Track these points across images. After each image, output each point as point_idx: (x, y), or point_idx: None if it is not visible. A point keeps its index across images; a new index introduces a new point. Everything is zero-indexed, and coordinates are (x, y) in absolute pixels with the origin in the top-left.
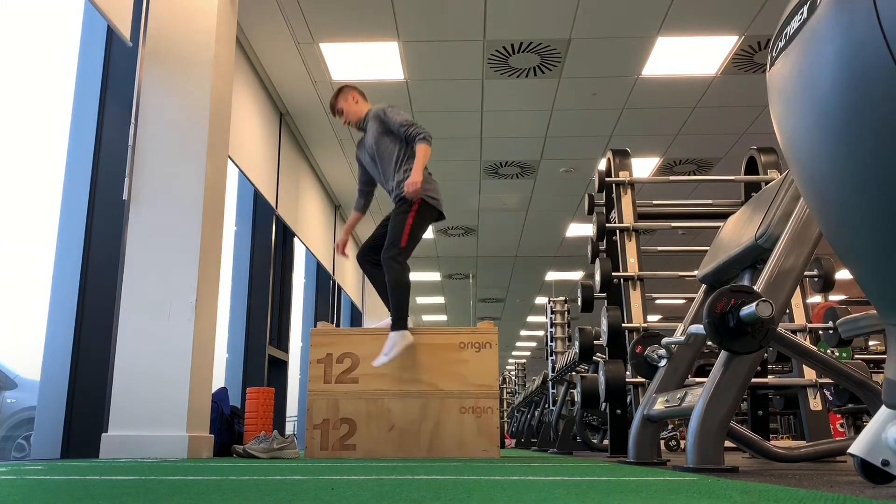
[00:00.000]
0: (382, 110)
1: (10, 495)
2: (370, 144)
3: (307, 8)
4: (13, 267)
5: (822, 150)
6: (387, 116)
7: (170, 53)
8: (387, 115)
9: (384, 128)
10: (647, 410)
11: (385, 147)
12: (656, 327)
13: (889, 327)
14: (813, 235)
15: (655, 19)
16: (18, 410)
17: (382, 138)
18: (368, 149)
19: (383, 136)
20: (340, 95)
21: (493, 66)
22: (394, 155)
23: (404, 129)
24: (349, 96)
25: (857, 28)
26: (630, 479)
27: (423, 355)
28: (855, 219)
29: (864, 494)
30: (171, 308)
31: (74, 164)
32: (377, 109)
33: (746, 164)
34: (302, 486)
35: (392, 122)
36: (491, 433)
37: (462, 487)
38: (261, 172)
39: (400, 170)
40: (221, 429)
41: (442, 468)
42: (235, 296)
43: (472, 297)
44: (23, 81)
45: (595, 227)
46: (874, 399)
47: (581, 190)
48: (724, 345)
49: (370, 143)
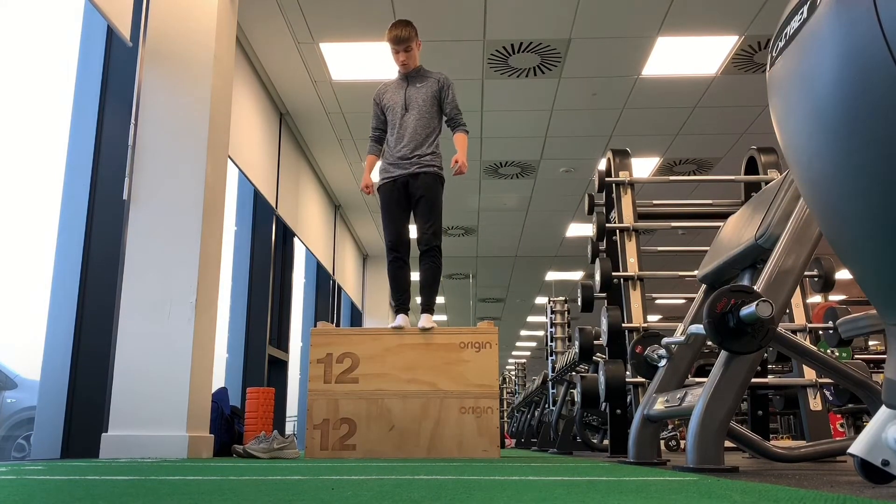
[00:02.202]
0: (451, 82)
1: (10, 495)
2: (419, 100)
3: (307, 8)
4: (13, 267)
5: (822, 150)
6: (451, 91)
7: (170, 53)
8: (452, 89)
9: (440, 95)
10: (647, 410)
11: (429, 113)
12: (656, 327)
13: (889, 327)
14: (813, 235)
15: (655, 19)
16: (18, 410)
17: (433, 104)
18: (412, 101)
19: (434, 102)
20: (415, 36)
21: (493, 66)
22: (431, 125)
23: (457, 112)
24: (418, 42)
25: (857, 28)
26: (630, 479)
27: (423, 355)
28: (855, 219)
29: (864, 494)
30: (171, 308)
31: (74, 164)
32: (447, 77)
33: (746, 164)
34: (302, 486)
35: (452, 99)
36: (491, 433)
37: (462, 487)
38: (261, 172)
39: (427, 142)
40: (221, 429)
41: (442, 468)
42: (235, 296)
43: (472, 297)
44: (23, 81)
45: (595, 227)
46: (874, 399)
47: (581, 190)
48: (724, 345)
49: (420, 99)
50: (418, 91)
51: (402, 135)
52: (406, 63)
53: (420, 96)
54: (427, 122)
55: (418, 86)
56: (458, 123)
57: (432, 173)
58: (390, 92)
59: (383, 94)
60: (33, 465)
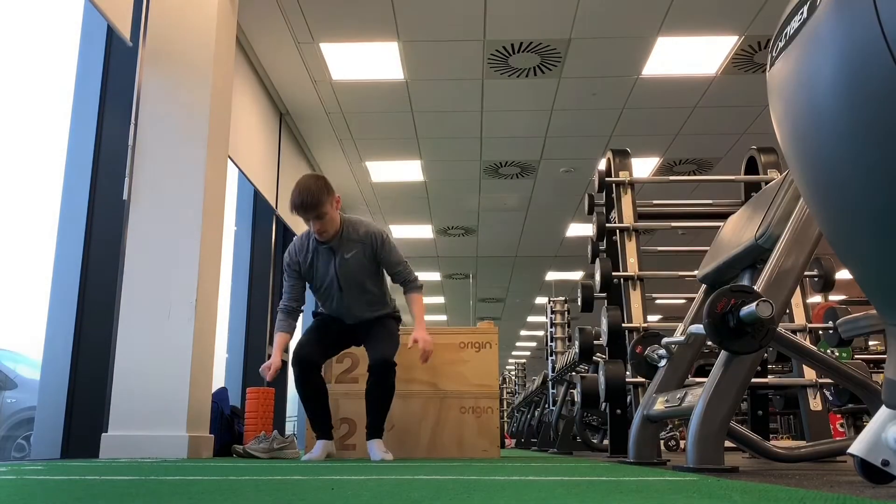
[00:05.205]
0: (383, 237)
1: (10, 495)
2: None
3: (307, 8)
4: (13, 267)
5: (822, 151)
6: (385, 248)
7: (170, 53)
8: (385, 245)
9: (374, 258)
10: (647, 410)
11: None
12: (656, 327)
13: (889, 327)
14: (813, 235)
15: (655, 19)
16: (18, 410)
17: (371, 265)
18: (345, 275)
19: (372, 264)
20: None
21: (493, 66)
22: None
23: (400, 269)
24: (334, 198)
25: (857, 28)
26: (630, 479)
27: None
28: (855, 219)
29: (864, 494)
30: (171, 308)
31: (74, 164)
32: (376, 232)
33: (746, 164)
34: (302, 486)
35: (390, 257)
36: (491, 433)
37: (462, 487)
38: (261, 172)
39: (375, 306)
40: (221, 429)
41: (442, 468)
42: (235, 296)
43: (472, 297)
44: (23, 81)
45: (595, 227)
46: (874, 399)
47: (581, 190)
48: (724, 345)
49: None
50: (349, 264)
51: (342, 309)
52: (323, 231)
53: (353, 266)
54: (369, 288)
55: (347, 256)
56: (408, 281)
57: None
58: (313, 264)
59: (302, 261)
60: (33, 465)
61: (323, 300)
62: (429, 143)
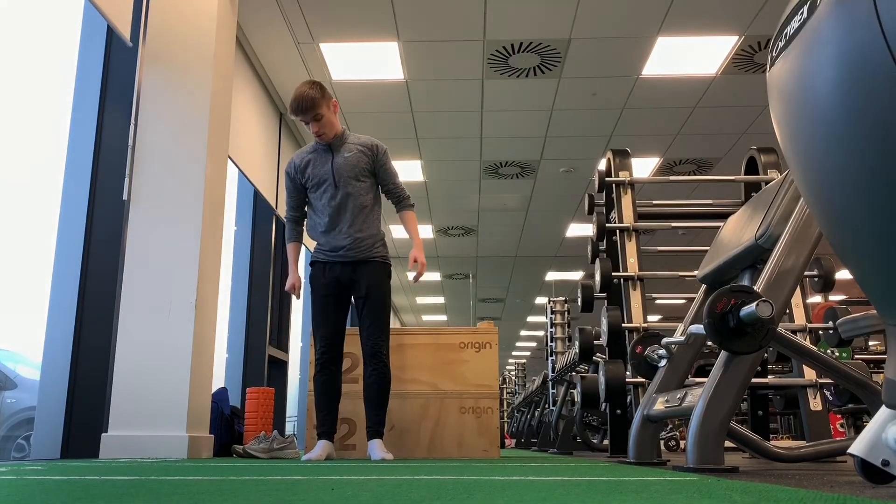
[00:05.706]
0: (385, 149)
1: (10, 495)
2: (350, 173)
3: (307, 8)
4: (13, 266)
5: (822, 151)
6: (385, 158)
7: (170, 53)
8: (386, 155)
9: (372, 166)
10: (647, 410)
11: (364, 188)
12: (656, 327)
13: (889, 327)
14: (813, 235)
15: (655, 19)
16: (18, 410)
17: (367, 176)
18: (341, 176)
19: (367, 173)
20: (323, 98)
21: (493, 66)
22: (368, 202)
23: (395, 184)
24: (331, 102)
25: (857, 28)
26: (630, 479)
27: (423, 355)
28: (855, 219)
29: (864, 494)
30: (171, 308)
31: (74, 164)
32: (377, 144)
33: (746, 164)
34: (302, 486)
35: (387, 168)
36: (491, 433)
37: (462, 487)
38: (261, 172)
39: (367, 224)
40: (221, 429)
41: (442, 468)
42: (235, 296)
43: (472, 297)
44: (23, 81)
45: (595, 227)
46: (874, 399)
47: (581, 190)
48: (724, 345)
49: (351, 171)
50: (347, 162)
51: (334, 218)
52: (321, 133)
53: (349, 169)
54: (358, 198)
55: (346, 156)
56: (402, 199)
57: (377, 262)
58: (312, 164)
59: (302, 167)
60: (33, 465)
61: (319, 213)
62: (429, 143)
